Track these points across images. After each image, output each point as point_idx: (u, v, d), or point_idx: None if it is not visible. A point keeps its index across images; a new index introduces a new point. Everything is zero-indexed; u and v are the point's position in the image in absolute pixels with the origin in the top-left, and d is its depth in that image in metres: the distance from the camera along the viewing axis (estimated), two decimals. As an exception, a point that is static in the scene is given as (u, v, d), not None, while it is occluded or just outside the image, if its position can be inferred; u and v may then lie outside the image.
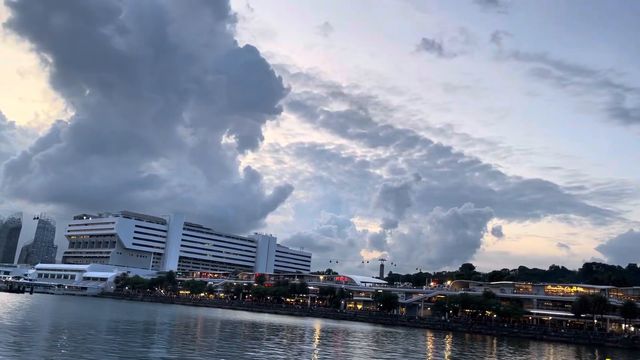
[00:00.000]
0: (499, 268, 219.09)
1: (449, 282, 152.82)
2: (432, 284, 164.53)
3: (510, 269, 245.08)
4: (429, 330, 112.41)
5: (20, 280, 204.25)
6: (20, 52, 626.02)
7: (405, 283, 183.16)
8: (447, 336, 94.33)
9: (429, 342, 76.87)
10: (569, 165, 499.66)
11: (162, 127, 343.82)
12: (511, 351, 70.94)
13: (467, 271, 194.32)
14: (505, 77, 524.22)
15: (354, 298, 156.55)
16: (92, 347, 41.18)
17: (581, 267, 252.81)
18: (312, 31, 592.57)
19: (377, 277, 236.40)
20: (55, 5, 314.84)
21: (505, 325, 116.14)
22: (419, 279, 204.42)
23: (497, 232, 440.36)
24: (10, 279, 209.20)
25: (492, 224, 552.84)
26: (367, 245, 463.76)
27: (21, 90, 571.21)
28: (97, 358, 35.76)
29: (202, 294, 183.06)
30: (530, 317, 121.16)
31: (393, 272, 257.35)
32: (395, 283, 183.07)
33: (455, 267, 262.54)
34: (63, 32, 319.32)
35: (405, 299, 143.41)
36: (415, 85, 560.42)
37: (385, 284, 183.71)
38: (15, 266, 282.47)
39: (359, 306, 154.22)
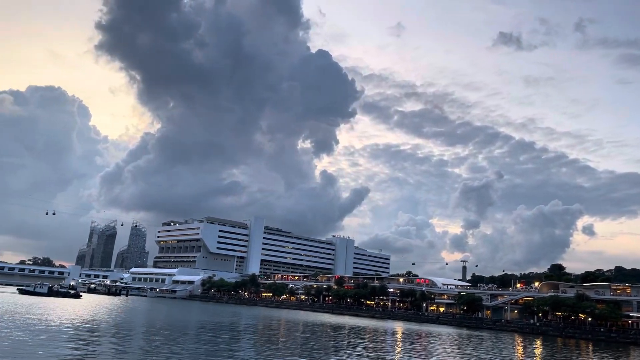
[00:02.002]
0: (592, 268, 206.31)
1: (537, 284, 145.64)
2: (518, 285, 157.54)
3: (605, 270, 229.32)
4: (516, 333, 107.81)
5: (117, 283, 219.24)
6: (111, 71, 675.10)
7: (490, 285, 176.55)
8: (537, 340, 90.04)
9: (518, 346, 73.72)
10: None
11: (241, 135, 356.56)
12: (611, 357, 66.41)
13: (557, 272, 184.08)
14: (592, 66, 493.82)
15: (436, 300, 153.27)
16: (184, 345, 43.41)
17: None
18: (384, 32, 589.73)
19: (459, 279, 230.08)
20: (140, 26, 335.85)
21: (602, 330, 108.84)
22: (504, 281, 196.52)
23: (588, 230, 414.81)
24: (108, 282, 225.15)
25: (582, 222, 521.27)
26: (447, 246, 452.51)
27: (113, 107, 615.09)
28: (188, 356, 37.64)
29: (284, 296, 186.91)
30: (629, 321, 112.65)
31: (476, 274, 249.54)
32: (479, 285, 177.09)
33: (543, 268, 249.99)
34: (148, 51, 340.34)
35: (490, 302, 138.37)
36: (493, 80, 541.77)
37: (468, 286, 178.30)
38: (112, 270, 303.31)
39: (441, 309, 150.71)
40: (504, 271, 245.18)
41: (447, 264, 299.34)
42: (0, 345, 34.72)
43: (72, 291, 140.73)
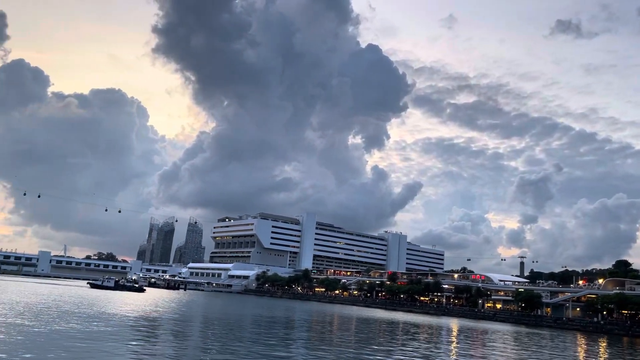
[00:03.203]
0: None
1: (600, 281, 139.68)
2: (580, 282, 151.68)
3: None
4: (578, 332, 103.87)
5: (175, 278, 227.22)
6: (167, 73, 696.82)
7: (549, 282, 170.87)
8: (600, 339, 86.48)
9: (581, 345, 71.11)
10: None
11: (293, 133, 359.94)
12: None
13: (622, 268, 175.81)
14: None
15: (492, 297, 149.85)
16: (240, 337, 44.73)
17: None
18: (435, 24, 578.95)
19: (516, 276, 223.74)
20: (194, 28, 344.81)
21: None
22: (565, 277, 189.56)
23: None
24: (167, 277, 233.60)
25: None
26: (504, 242, 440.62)
27: (169, 107, 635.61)
28: (245, 348, 38.79)
29: (337, 292, 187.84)
30: None
31: (535, 270, 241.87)
32: (537, 281, 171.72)
33: (606, 264, 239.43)
34: (202, 52, 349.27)
35: (550, 299, 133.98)
36: (550, 69, 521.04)
37: (526, 282, 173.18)
38: (171, 265, 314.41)
39: (498, 306, 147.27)
40: (564, 267, 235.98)
41: (503, 259, 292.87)
42: (100, 336, 37.03)
43: (137, 285, 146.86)
